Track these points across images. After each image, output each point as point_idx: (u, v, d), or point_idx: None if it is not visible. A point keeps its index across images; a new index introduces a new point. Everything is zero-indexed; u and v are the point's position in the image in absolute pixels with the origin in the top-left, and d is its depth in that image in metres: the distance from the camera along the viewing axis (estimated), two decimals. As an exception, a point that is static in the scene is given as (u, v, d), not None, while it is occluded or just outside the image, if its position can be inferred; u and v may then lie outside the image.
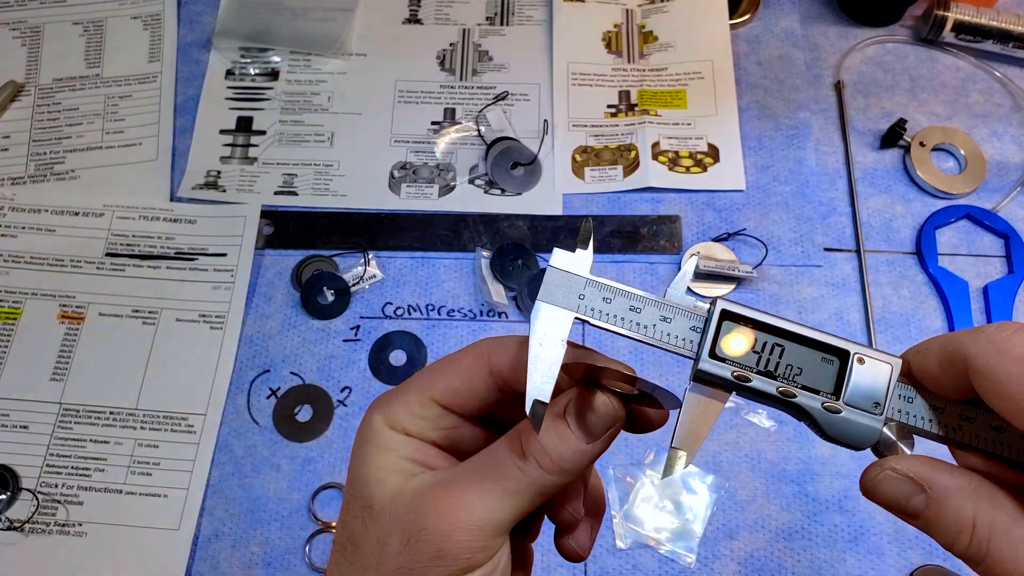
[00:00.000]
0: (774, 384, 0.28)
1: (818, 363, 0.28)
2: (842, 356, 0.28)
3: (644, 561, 0.55)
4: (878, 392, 0.27)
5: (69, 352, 0.63)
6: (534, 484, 0.28)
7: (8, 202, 0.69)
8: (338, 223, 0.68)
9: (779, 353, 0.28)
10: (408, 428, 0.30)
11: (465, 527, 0.27)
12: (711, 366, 0.28)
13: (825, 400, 0.27)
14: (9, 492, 0.58)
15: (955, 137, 0.69)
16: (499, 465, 0.28)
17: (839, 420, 0.27)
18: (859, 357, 0.28)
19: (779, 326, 0.28)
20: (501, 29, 0.77)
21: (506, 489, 0.27)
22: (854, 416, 0.27)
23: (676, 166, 0.69)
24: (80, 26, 0.77)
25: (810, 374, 0.28)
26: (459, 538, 0.27)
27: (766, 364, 0.28)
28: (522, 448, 0.28)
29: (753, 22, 0.76)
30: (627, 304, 0.28)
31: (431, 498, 0.28)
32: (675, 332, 0.29)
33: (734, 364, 0.28)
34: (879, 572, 0.55)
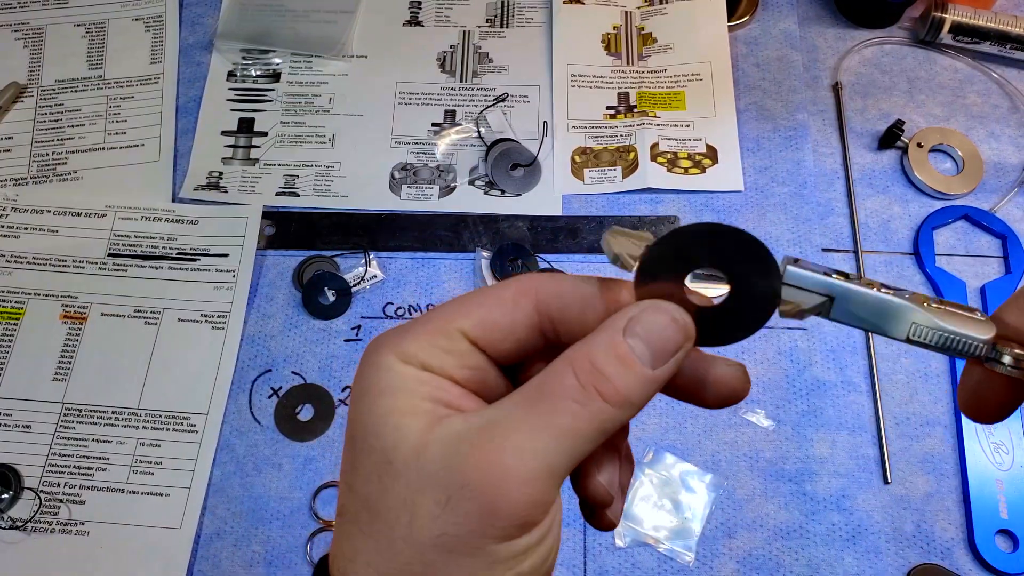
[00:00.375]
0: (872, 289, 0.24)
1: None
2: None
3: (643, 559, 0.56)
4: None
5: (71, 352, 0.63)
6: (595, 419, 0.23)
7: (11, 203, 0.69)
8: (339, 224, 0.68)
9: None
10: (428, 362, 0.24)
11: (519, 475, 0.22)
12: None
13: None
14: (12, 491, 0.58)
15: (953, 138, 0.70)
16: (552, 398, 0.23)
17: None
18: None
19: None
20: (501, 31, 0.77)
21: (562, 428, 0.22)
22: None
23: (675, 167, 0.69)
24: (82, 28, 0.78)
25: None
26: (515, 493, 0.22)
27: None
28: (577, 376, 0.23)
29: (751, 24, 0.76)
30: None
31: (470, 445, 0.22)
32: None
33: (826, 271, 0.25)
34: (877, 571, 0.55)
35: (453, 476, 0.22)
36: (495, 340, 0.25)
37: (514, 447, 0.22)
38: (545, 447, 0.22)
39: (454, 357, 0.24)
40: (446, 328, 0.24)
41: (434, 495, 0.22)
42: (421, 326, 0.25)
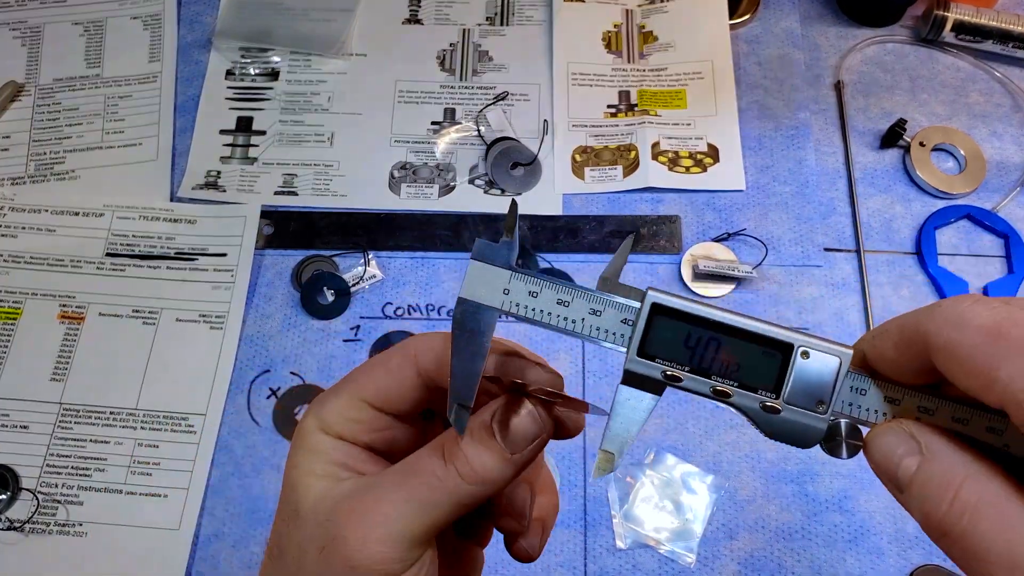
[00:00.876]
0: (708, 384, 0.26)
1: (759, 357, 0.26)
2: (785, 350, 0.25)
3: (644, 561, 0.55)
4: (823, 389, 0.25)
5: (69, 352, 0.63)
6: (453, 495, 0.26)
7: (8, 202, 0.69)
8: (338, 223, 0.68)
9: (715, 348, 0.26)
10: (341, 431, 0.29)
11: (378, 537, 0.26)
12: (639, 366, 0.26)
13: (764, 399, 0.26)
14: (9, 492, 0.58)
15: (955, 137, 0.69)
16: (418, 473, 0.27)
17: (779, 420, 0.26)
18: (804, 351, 0.25)
19: (714, 319, 0.26)
20: (501, 29, 0.77)
21: (422, 499, 0.26)
22: (795, 416, 0.25)
23: (676, 166, 0.69)
24: (80, 26, 0.77)
25: (749, 370, 0.26)
26: (372, 549, 0.25)
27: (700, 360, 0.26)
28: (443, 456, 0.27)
29: (753, 22, 0.76)
30: (555, 297, 0.26)
31: (348, 506, 0.26)
32: (605, 326, 0.26)
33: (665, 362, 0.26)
34: (879, 572, 0.55)
35: (330, 529, 0.26)
36: (392, 402, 0.29)
37: (381, 512, 0.26)
38: (402, 514, 0.26)
39: (362, 424, 0.29)
40: (351, 399, 0.29)
41: (317, 543, 0.26)
42: (335, 397, 0.29)
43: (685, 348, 0.26)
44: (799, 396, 0.25)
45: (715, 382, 0.26)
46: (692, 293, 0.64)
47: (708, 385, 0.26)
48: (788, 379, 0.25)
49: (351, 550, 0.26)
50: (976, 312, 0.23)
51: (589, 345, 0.62)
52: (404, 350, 0.29)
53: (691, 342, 0.26)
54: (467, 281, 0.27)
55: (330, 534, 0.26)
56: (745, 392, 0.26)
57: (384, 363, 0.29)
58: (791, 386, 0.25)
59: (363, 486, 0.27)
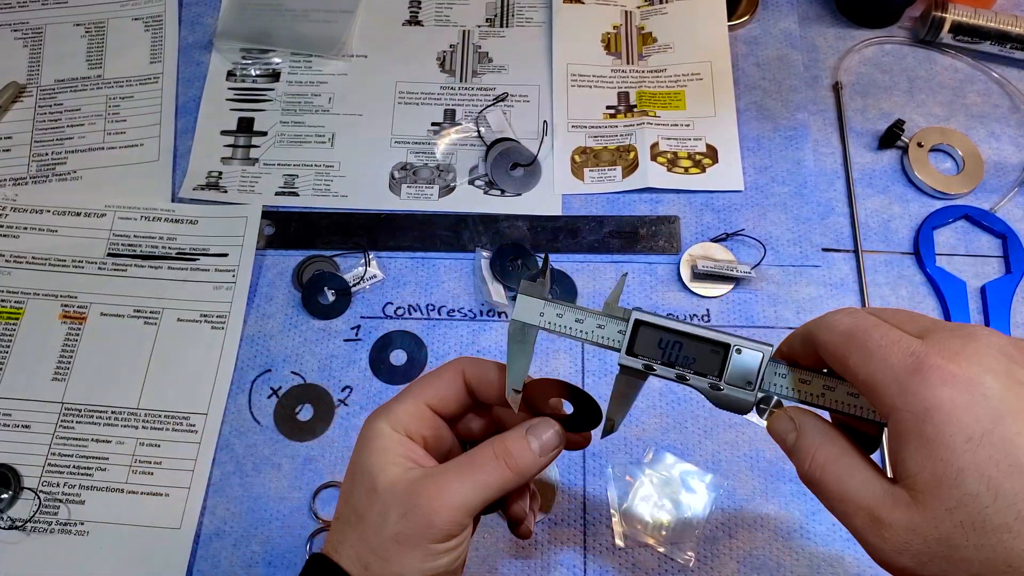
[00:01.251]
0: (673, 371, 0.37)
1: (707, 353, 0.37)
2: (725, 348, 0.36)
3: (643, 559, 0.55)
4: (751, 374, 0.36)
5: (71, 352, 0.63)
6: (499, 480, 0.38)
7: (10, 202, 0.69)
8: (339, 223, 0.68)
9: (679, 348, 0.37)
10: (408, 429, 0.39)
11: (449, 506, 0.36)
12: (628, 360, 0.38)
13: (711, 381, 0.37)
14: (11, 491, 0.58)
15: (953, 138, 0.70)
16: (476, 464, 0.38)
17: (721, 395, 0.37)
18: (737, 348, 0.36)
19: (677, 329, 0.37)
20: (501, 31, 0.77)
21: (478, 481, 0.37)
22: (733, 392, 0.36)
23: (675, 167, 0.69)
24: (82, 27, 0.78)
25: (702, 362, 0.37)
26: (444, 514, 0.36)
27: (668, 356, 0.37)
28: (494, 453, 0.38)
29: (751, 23, 0.76)
30: (574, 317, 0.39)
31: (424, 485, 0.37)
32: (607, 335, 0.38)
33: (644, 358, 0.38)
34: (878, 571, 0.55)
35: (411, 501, 0.37)
36: (445, 406, 0.41)
37: (450, 490, 0.37)
38: (465, 491, 0.37)
39: (424, 422, 0.40)
40: (417, 403, 0.40)
41: (398, 510, 0.37)
42: (403, 403, 0.40)
43: (658, 348, 0.37)
44: (735, 379, 0.36)
45: (678, 370, 0.37)
46: (691, 293, 0.64)
47: (673, 372, 0.37)
48: (727, 367, 0.36)
49: (429, 514, 0.36)
50: (840, 320, 0.33)
51: (588, 348, 0.62)
52: (455, 366, 0.41)
53: (662, 344, 0.37)
54: (516, 307, 0.39)
55: (411, 503, 0.36)
56: (698, 376, 0.37)
57: (440, 376, 0.41)
58: (729, 372, 0.36)
59: (435, 472, 0.38)
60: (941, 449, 0.28)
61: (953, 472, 0.28)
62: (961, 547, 0.28)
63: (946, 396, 0.29)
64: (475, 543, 0.56)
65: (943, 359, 0.29)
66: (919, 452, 0.29)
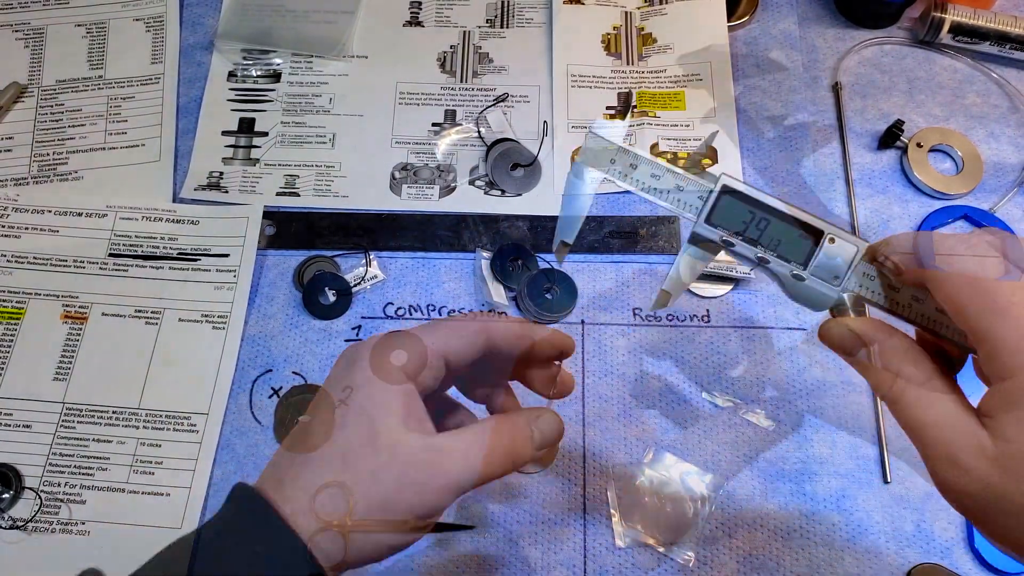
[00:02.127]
0: (754, 250, 0.33)
1: (795, 238, 0.33)
2: (817, 235, 0.33)
3: (643, 560, 0.56)
4: (840, 268, 0.33)
5: (72, 352, 0.63)
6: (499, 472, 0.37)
7: (11, 203, 0.69)
8: (340, 224, 0.68)
9: (764, 226, 0.33)
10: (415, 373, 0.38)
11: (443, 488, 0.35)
12: (704, 230, 0.34)
13: (794, 268, 0.33)
14: (12, 491, 0.58)
15: (952, 138, 0.70)
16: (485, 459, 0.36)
17: (802, 286, 0.33)
18: (831, 237, 0.33)
19: (767, 203, 0.33)
20: (501, 31, 0.77)
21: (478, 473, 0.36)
22: (816, 284, 0.33)
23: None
24: (83, 28, 0.78)
25: (787, 246, 0.33)
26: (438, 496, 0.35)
27: (752, 233, 0.33)
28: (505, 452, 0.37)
29: (751, 24, 0.76)
30: (649, 171, 0.34)
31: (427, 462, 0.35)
32: (685, 199, 0.34)
33: (724, 230, 0.33)
34: (877, 571, 0.55)
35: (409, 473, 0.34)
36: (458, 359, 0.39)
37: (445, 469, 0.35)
38: (460, 474, 0.35)
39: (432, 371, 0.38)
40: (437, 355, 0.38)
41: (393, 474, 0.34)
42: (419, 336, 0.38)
43: (741, 223, 0.33)
44: (821, 270, 0.33)
45: (760, 250, 0.33)
46: (691, 293, 0.64)
47: (753, 252, 0.33)
48: (816, 256, 0.33)
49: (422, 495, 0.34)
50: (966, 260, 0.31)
51: (589, 346, 0.62)
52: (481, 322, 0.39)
53: (746, 218, 0.33)
54: (583, 151, 0.34)
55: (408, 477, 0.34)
56: (781, 261, 0.33)
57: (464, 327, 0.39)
58: (817, 262, 0.33)
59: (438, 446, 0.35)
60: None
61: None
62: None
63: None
64: (475, 544, 0.56)
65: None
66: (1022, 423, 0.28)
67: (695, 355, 0.62)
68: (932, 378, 0.31)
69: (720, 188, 0.34)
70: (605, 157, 0.34)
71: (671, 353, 0.62)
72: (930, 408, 0.31)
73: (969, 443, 0.29)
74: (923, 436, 0.31)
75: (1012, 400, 0.28)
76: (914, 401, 0.31)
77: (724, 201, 0.34)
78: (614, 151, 0.34)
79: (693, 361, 0.62)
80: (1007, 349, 0.29)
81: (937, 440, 0.30)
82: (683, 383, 0.61)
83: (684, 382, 0.61)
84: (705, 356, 0.62)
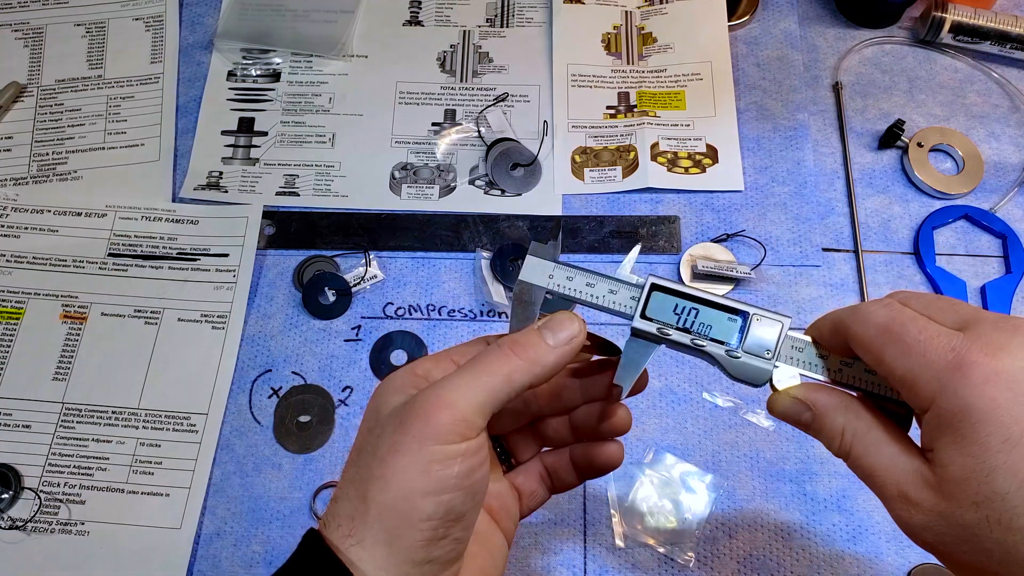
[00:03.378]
0: (688, 336, 0.36)
1: (725, 321, 0.36)
2: (744, 316, 0.36)
3: (643, 560, 0.56)
4: (770, 343, 0.35)
5: (71, 352, 0.63)
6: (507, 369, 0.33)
7: (11, 202, 0.69)
8: (339, 223, 0.68)
9: (695, 314, 0.36)
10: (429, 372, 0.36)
11: (447, 403, 0.32)
12: (642, 323, 0.36)
13: (728, 348, 0.36)
14: (11, 491, 0.58)
15: (953, 138, 0.70)
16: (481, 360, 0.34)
17: (739, 364, 0.36)
18: (756, 317, 0.36)
19: (694, 295, 0.36)
20: (501, 31, 0.77)
21: (481, 371, 0.33)
22: (750, 361, 0.35)
23: (675, 167, 0.69)
24: (82, 27, 0.78)
25: (718, 329, 0.36)
26: (443, 413, 0.32)
27: (684, 322, 0.36)
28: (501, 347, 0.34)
29: (752, 23, 0.76)
30: (584, 281, 0.37)
31: (422, 393, 0.33)
32: (619, 300, 0.37)
33: (659, 323, 0.36)
34: (877, 571, 0.55)
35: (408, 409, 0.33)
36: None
37: (447, 387, 0.33)
38: (470, 387, 0.33)
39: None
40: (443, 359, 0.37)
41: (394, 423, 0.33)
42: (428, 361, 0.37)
43: (673, 314, 0.36)
44: (753, 347, 0.36)
45: (693, 336, 0.36)
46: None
47: (688, 338, 0.36)
48: (746, 335, 0.36)
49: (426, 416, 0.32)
50: (876, 313, 0.32)
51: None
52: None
53: (677, 310, 0.36)
54: (524, 268, 0.37)
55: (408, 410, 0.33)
56: (715, 343, 0.36)
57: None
58: (748, 340, 0.36)
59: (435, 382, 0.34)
60: (975, 447, 0.28)
61: (985, 470, 0.28)
62: (984, 538, 0.28)
63: (987, 395, 0.28)
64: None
65: (985, 355, 0.29)
66: (953, 447, 0.29)
67: (695, 355, 0.62)
68: (873, 427, 0.33)
69: (649, 286, 0.37)
70: (544, 272, 0.37)
71: (671, 353, 0.62)
72: (877, 453, 0.32)
73: (914, 479, 0.31)
74: (875, 480, 0.32)
75: (937, 426, 0.30)
76: (862, 450, 0.33)
77: (655, 297, 0.36)
78: (551, 267, 0.37)
79: (693, 361, 0.62)
80: (922, 381, 0.30)
81: (887, 481, 0.31)
82: (683, 383, 0.61)
83: (684, 382, 0.61)
84: (705, 356, 0.62)
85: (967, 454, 0.28)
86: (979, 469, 0.28)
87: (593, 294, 0.37)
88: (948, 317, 0.31)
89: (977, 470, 0.28)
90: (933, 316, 0.32)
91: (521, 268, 0.37)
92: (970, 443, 0.28)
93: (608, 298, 0.37)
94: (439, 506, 0.31)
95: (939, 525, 0.29)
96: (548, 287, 0.37)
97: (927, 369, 0.30)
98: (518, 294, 0.37)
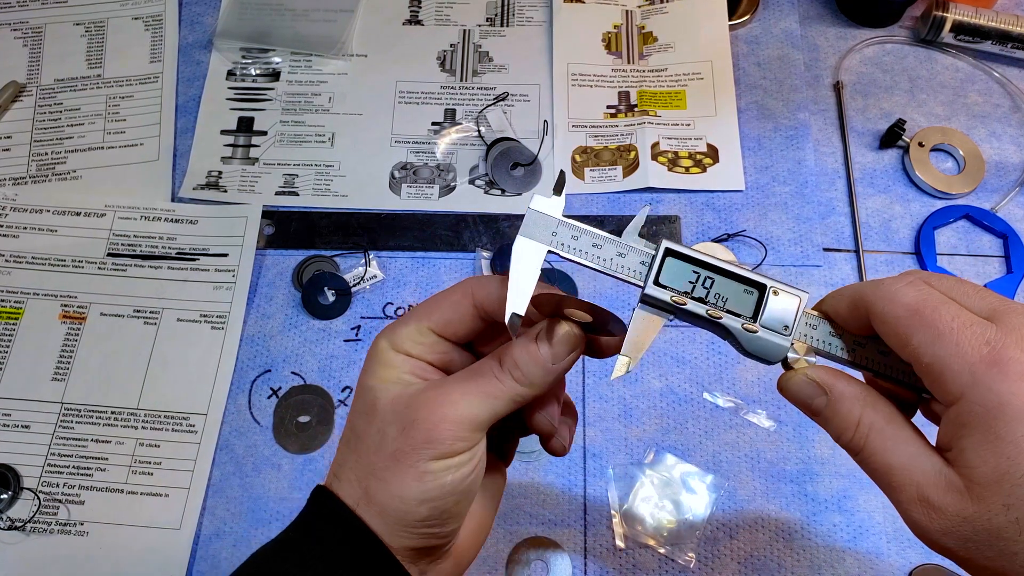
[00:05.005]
0: (704, 307, 0.34)
1: (741, 293, 0.34)
2: (761, 289, 0.34)
3: (644, 560, 0.55)
4: (788, 317, 0.34)
5: (71, 352, 0.63)
6: (507, 392, 0.34)
7: (10, 202, 0.69)
8: (339, 223, 0.68)
9: (710, 284, 0.34)
10: (409, 351, 0.35)
11: (450, 419, 0.33)
12: (654, 291, 0.34)
13: (745, 322, 0.34)
14: (11, 492, 0.58)
15: (954, 137, 0.69)
16: (482, 375, 0.34)
17: (755, 338, 0.34)
18: (774, 290, 0.34)
19: (711, 263, 0.34)
20: (501, 30, 0.77)
21: (485, 393, 0.33)
22: (767, 336, 0.34)
23: (675, 166, 0.69)
24: (82, 27, 0.78)
25: (734, 301, 0.34)
26: (445, 427, 0.32)
27: (699, 292, 0.34)
28: (500, 362, 0.34)
29: (752, 23, 0.76)
30: (591, 241, 0.34)
31: (424, 397, 0.33)
32: (628, 264, 0.34)
33: (673, 291, 0.34)
34: (878, 571, 0.55)
35: (410, 414, 0.33)
36: (451, 330, 0.36)
37: (452, 401, 0.33)
38: (471, 403, 0.33)
39: (426, 346, 0.36)
40: (419, 326, 0.35)
41: (397, 426, 0.33)
42: (405, 325, 0.36)
43: (687, 283, 0.34)
44: (771, 321, 0.34)
45: (709, 307, 0.34)
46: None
47: (704, 309, 0.34)
48: (763, 309, 0.34)
49: (428, 428, 0.32)
50: (904, 292, 0.30)
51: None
52: (463, 288, 0.36)
53: (691, 278, 0.34)
54: (525, 224, 0.34)
55: (410, 418, 0.33)
56: (732, 316, 0.34)
57: (446, 298, 0.36)
58: (765, 314, 0.34)
59: (435, 384, 0.34)
60: (1009, 447, 0.27)
61: (1019, 471, 0.27)
62: (1012, 541, 0.27)
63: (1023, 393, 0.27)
64: (475, 543, 0.56)
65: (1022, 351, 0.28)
66: (984, 446, 0.28)
67: (696, 355, 0.62)
68: (892, 422, 0.31)
69: (664, 251, 0.34)
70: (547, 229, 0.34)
71: (672, 353, 0.62)
72: (895, 451, 0.30)
73: (937, 481, 0.29)
74: (891, 480, 0.30)
75: (965, 423, 0.28)
76: (879, 445, 0.31)
77: (668, 263, 0.34)
78: (555, 224, 0.34)
79: (694, 361, 0.62)
80: (952, 371, 0.28)
81: (905, 483, 0.30)
82: (684, 383, 0.61)
83: (685, 382, 0.61)
84: (706, 356, 0.62)
85: (1000, 454, 0.27)
86: (1012, 471, 0.27)
87: (600, 256, 0.34)
88: (976, 304, 0.30)
89: (1010, 472, 0.27)
90: (960, 301, 0.30)
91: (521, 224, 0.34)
92: (1004, 443, 0.27)
93: (616, 262, 0.34)
94: (434, 510, 0.33)
95: (962, 529, 0.28)
96: (551, 246, 0.34)
97: (959, 360, 0.28)
98: (519, 253, 0.34)
